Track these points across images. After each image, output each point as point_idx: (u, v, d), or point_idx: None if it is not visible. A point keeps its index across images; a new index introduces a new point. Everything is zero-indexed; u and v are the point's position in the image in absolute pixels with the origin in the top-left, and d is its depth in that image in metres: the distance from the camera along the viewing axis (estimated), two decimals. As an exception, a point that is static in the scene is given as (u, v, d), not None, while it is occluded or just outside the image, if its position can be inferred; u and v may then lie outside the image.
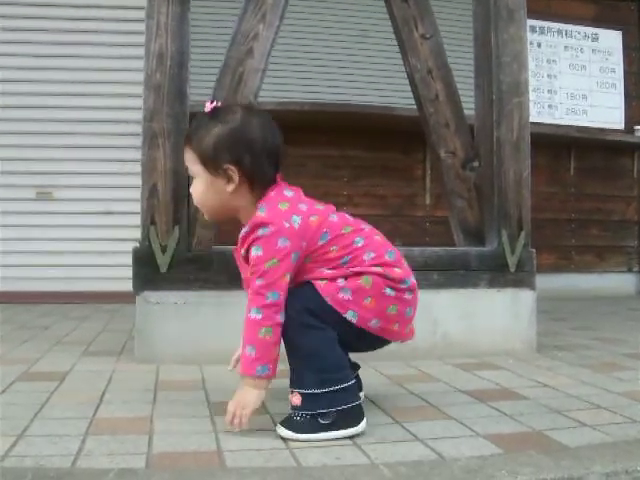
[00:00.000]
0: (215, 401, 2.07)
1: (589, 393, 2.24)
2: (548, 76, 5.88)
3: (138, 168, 2.78)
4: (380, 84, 5.54)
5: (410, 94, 3.14)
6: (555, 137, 5.49)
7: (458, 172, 3.01)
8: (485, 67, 3.03)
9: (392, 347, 2.75)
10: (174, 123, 2.66)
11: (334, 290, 1.79)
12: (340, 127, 5.08)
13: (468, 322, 2.90)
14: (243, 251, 1.86)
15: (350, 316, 1.80)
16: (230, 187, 1.83)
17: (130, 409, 1.96)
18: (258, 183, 1.84)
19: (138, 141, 2.86)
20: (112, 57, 5.06)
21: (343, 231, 1.87)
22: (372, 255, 1.87)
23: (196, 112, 2.68)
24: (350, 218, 1.95)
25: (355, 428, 1.75)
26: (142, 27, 2.70)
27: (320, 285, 1.80)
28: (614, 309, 4.98)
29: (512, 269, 2.95)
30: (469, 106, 3.12)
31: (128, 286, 2.71)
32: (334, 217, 1.91)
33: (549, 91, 5.88)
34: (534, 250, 3.02)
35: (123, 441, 1.66)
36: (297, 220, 1.80)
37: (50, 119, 5.01)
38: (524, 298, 2.97)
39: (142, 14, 2.75)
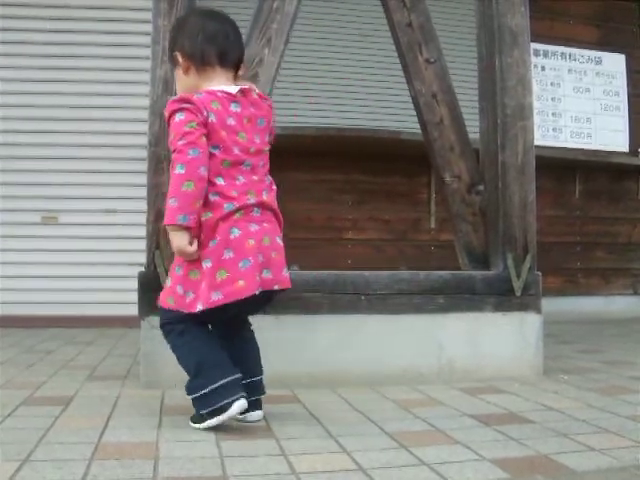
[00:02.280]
0: (221, 426, 2.06)
1: (596, 417, 2.23)
2: (552, 99, 5.90)
3: (143, 192, 2.79)
4: (385, 108, 5.56)
5: (415, 118, 3.16)
6: (560, 160, 5.49)
7: (463, 196, 3.02)
8: (489, 91, 3.04)
9: (397, 372, 2.78)
10: (180, 148, 2.67)
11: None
12: (345, 151, 5.09)
13: (474, 346, 2.89)
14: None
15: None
16: (179, 71, 2.13)
17: (135, 434, 1.96)
18: (200, 65, 2.09)
19: (143, 166, 2.87)
20: (117, 82, 5.08)
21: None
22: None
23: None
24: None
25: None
26: (146, 52, 2.72)
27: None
28: (620, 332, 4.95)
29: (518, 293, 2.94)
30: (474, 130, 3.14)
31: (134, 311, 2.71)
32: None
33: (553, 114, 5.89)
34: (540, 273, 3.02)
35: (128, 466, 1.66)
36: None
37: (55, 144, 5.03)
38: (530, 322, 2.96)
39: (147, 39, 2.77)
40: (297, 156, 5.02)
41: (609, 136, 6.04)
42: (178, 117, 1.97)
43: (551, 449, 1.85)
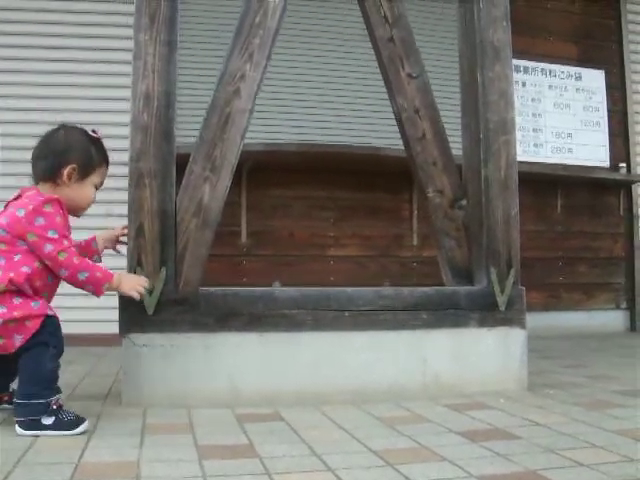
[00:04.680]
0: (203, 444, 2.03)
1: (583, 431, 2.21)
2: (533, 115, 5.93)
3: (124, 210, 2.76)
4: (366, 124, 5.55)
5: (397, 134, 3.16)
6: (541, 175, 5.51)
7: (446, 211, 3.01)
8: (471, 106, 3.04)
9: (382, 388, 2.76)
10: (161, 163, 2.65)
11: None
12: (326, 168, 5.10)
13: (459, 362, 2.87)
14: None
15: None
16: None
17: (116, 453, 1.91)
18: None
19: (123, 183, 2.84)
20: (97, 98, 5.04)
21: None
22: None
23: (184, 153, 2.72)
24: None
25: None
26: (126, 68, 2.70)
27: None
28: (603, 346, 4.96)
29: (502, 307, 2.93)
30: (456, 145, 3.14)
31: (115, 329, 2.67)
32: None
33: (534, 130, 5.92)
34: (524, 288, 3.01)
35: (109, 487, 1.62)
36: None
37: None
38: (514, 337, 2.95)
39: (127, 55, 2.75)
40: (279, 173, 5.02)
41: (590, 151, 6.07)
42: None
43: (539, 465, 1.83)
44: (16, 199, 2.32)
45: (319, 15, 5.56)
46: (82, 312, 4.95)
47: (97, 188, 2.45)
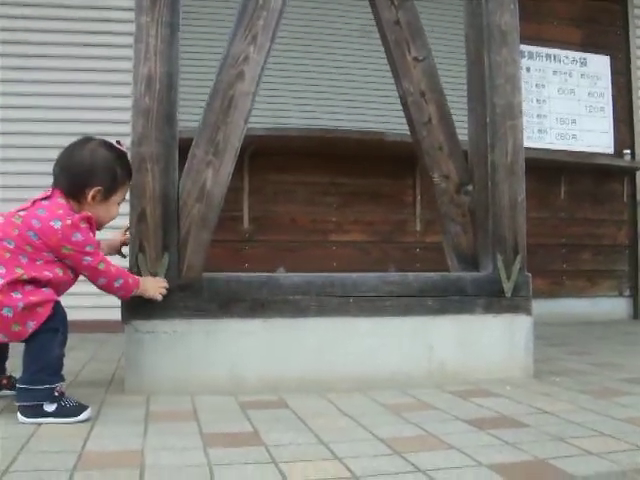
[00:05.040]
0: (207, 432, 2.00)
1: (591, 419, 2.19)
2: (537, 100, 5.87)
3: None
4: (370, 109, 5.50)
5: (401, 119, 3.12)
6: (545, 162, 5.47)
7: (452, 196, 2.98)
8: (478, 90, 3.00)
9: (387, 375, 2.74)
10: (163, 147, 2.61)
11: None
12: (329, 153, 5.05)
13: (464, 349, 2.84)
14: None
15: None
16: None
17: (120, 442, 1.89)
18: None
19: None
20: (97, 83, 4.99)
21: None
22: None
23: (186, 137, 2.68)
24: None
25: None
26: (128, 53, 2.65)
27: None
28: (607, 333, 4.94)
29: (508, 294, 2.90)
30: (462, 129, 3.10)
31: (116, 315, 2.64)
32: None
33: (538, 115, 5.87)
34: (530, 275, 2.98)
35: (113, 476, 1.60)
36: None
37: (35, 145, 4.91)
38: (520, 323, 2.92)
39: (129, 40, 2.70)
40: (281, 157, 4.98)
41: (594, 137, 6.02)
42: None
43: (548, 454, 1.80)
44: (45, 198, 2.28)
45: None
46: (82, 298, 4.90)
47: (119, 204, 2.44)
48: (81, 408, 2.15)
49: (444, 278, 2.87)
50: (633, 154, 6.05)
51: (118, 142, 2.41)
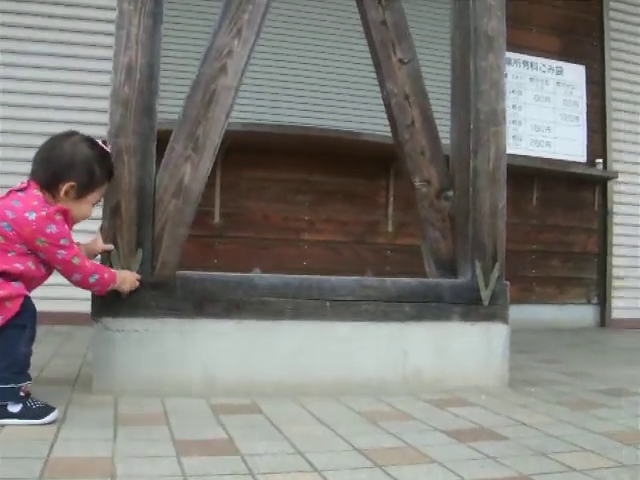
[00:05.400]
0: (180, 439, 1.93)
1: (570, 433, 2.16)
2: (513, 107, 5.87)
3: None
4: (346, 109, 5.46)
5: (376, 120, 3.11)
6: (519, 168, 5.44)
7: (432, 201, 2.93)
8: (462, 95, 2.96)
9: (361, 381, 2.68)
10: (141, 139, 2.52)
11: None
12: (303, 151, 5.00)
13: (440, 356, 2.80)
14: None
15: None
16: None
17: (89, 448, 1.81)
18: None
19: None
20: (75, 69, 4.87)
21: None
22: None
23: (165, 129, 2.60)
24: None
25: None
26: (105, 40, 2.57)
27: None
28: (576, 341, 4.96)
29: (485, 302, 2.87)
30: (443, 133, 3.05)
31: (82, 307, 2.56)
32: None
33: (514, 122, 5.87)
34: (507, 283, 2.96)
35: (83, 486, 1.52)
36: None
37: (11, 131, 4.79)
38: (497, 332, 2.89)
39: (109, 27, 2.62)
40: (255, 154, 4.91)
41: (568, 146, 6.05)
42: None
43: (532, 469, 1.76)
44: (21, 189, 2.18)
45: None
46: (47, 289, 4.81)
47: (94, 204, 2.34)
48: (47, 410, 2.07)
49: (422, 284, 2.82)
50: (605, 164, 6.10)
51: (104, 142, 2.34)
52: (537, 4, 5.92)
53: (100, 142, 2.32)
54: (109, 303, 2.46)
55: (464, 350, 2.84)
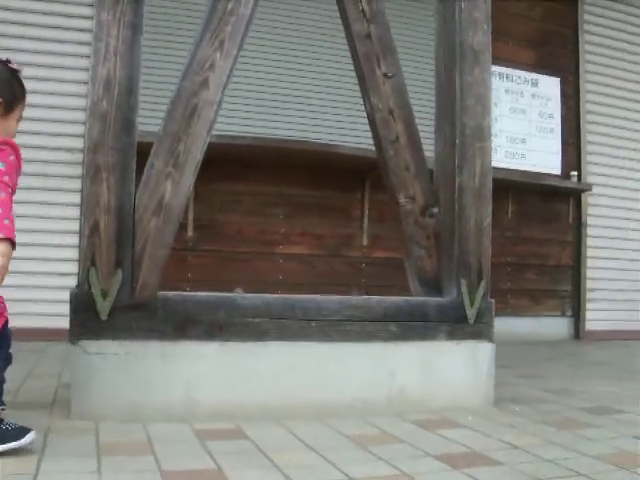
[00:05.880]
0: (167, 469, 1.85)
1: (562, 456, 2.13)
2: (489, 119, 5.87)
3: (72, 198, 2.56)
4: (320, 120, 5.41)
5: (352, 132, 3.07)
6: (494, 180, 5.36)
7: (417, 218, 2.89)
8: (446, 109, 2.92)
9: (347, 402, 2.63)
10: (120, 156, 2.44)
11: None
12: (278, 163, 4.95)
13: (426, 375, 2.76)
14: None
15: None
16: None
17: (73, 482, 1.73)
18: None
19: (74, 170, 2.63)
20: (53, 80, 4.75)
21: None
22: None
23: (145, 142, 2.52)
24: None
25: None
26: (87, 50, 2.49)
27: None
28: (553, 354, 4.96)
29: (471, 321, 2.83)
30: (426, 147, 3.01)
31: (53, 323, 2.47)
32: None
33: (489, 134, 5.86)
34: (493, 300, 2.92)
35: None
36: None
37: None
38: (483, 350, 2.86)
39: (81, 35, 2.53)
40: (230, 165, 4.83)
41: (543, 158, 6.06)
42: None
43: (532, 499, 1.72)
44: None
45: (281, 2, 5.37)
46: (17, 305, 4.69)
47: (18, 121, 2.23)
48: (23, 431, 1.97)
49: (408, 303, 2.78)
50: (580, 176, 6.11)
51: (8, 60, 2.20)
52: (513, 16, 5.91)
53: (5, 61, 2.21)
54: (88, 325, 2.38)
55: (450, 369, 2.80)
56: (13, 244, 1.92)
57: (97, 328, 2.38)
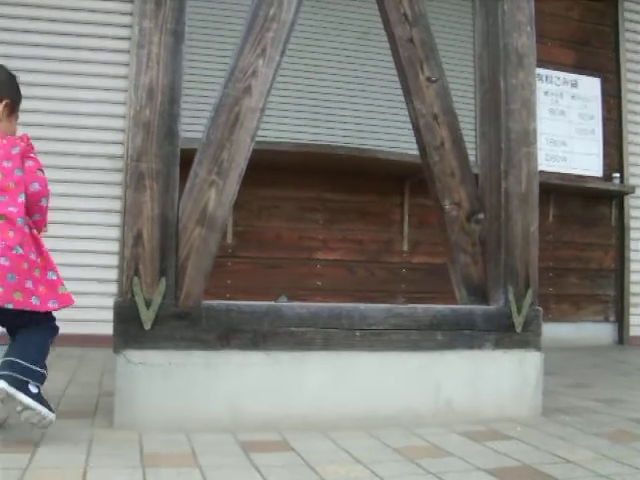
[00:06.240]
0: (214, 484, 1.83)
1: (618, 472, 2.06)
2: (529, 121, 5.78)
3: (112, 205, 2.56)
4: (360, 125, 5.37)
5: (391, 136, 3.03)
6: (535, 184, 5.37)
7: (463, 225, 2.83)
8: (491, 113, 2.87)
9: (392, 413, 2.58)
10: (163, 164, 2.43)
11: None
12: (317, 168, 4.92)
13: (473, 386, 2.70)
14: None
15: None
16: None
17: (120, 497, 1.70)
18: None
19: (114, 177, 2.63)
20: (99, 88, 4.76)
21: None
22: None
23: (187, 149, 2.50)
24: None
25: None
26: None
27: None
28: (598, 361, 4.86)
29: (518, 329, 2.77)
30: (470, 154, 2.96)
31: (93, 329, 2.47)
32: None
33: (530, 136, 5.78)
34: (540, 309, 2.86)
35: None
36: None
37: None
38: (530, 360, 2.79)
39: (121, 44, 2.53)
40: (269, 171, 4.81)
41: (584, 160, 5.95)
42: None
43: (592, 518, 1.66)
44: None
45: (322, 8, 5.34)
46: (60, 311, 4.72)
47: (16, 121, 2.40)
48: (50, 409, 2.15)
49: (454, 312, 2.72)
50: (622, 178, 6.00)
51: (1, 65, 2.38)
52: (551, 16, 5.81)
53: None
54: (131, 334, 2.37)
55: (497, 379, 2.74)
56: None
57: (141, 338, 2.36)
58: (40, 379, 2.14)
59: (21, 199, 2.11)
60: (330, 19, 5.38)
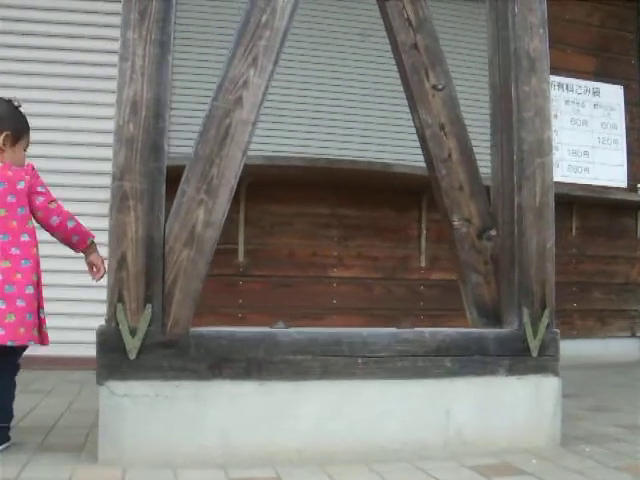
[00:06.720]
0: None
1: (642, 514, 1.87)
2: (549, 131, 5.61)
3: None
4: (374, 139, 5.22)
5: (406, 150, 2.86)
6: (557, 196, 5.08)
7: (473, 242, 2.66)
8: (504, 123, 2.70)
9: (396, 445, 2.40)
10: (148, 182, 2.29)
11: None
12: (331, 184, 4.77)
13: (485, 415, 2.52)
14: None
15: None
16: None
17: None
18: None
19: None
20: (87, 104, 4.67)
21: None
22: None
23: (176, 165, 2.36)
24: None
25: None
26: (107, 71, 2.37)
27: None
28: (623, 380, 4.63)
29: (534, 353, 2.59)
30: (481, 164, 2.79)
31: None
32: None
33: (550, 147, 5.61)
34: (558, 331, 2.67)
35: None
36: None
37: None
38: (547, 386, 2.61)
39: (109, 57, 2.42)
40: (280, 187, 4.66)
41: (607, 171, 5.76)
42: None
43: None
44: None
45: (327, 16, 5.21)
46: (61, 333, 4.58)
47: (25, 150, 2.55)
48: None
49: (464, 336, 2.54)
50: (647, 189, 5.80)
51: (10, 99, 2.52)
52: (571, 23, 5.65)
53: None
54: (115, 364, 2.23)
55: (511, 407, 2.55)
56: None
57: (125, 368, 2.22)
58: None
59: (24, 238, 2.34)
60: (342, 29, 5.24)
